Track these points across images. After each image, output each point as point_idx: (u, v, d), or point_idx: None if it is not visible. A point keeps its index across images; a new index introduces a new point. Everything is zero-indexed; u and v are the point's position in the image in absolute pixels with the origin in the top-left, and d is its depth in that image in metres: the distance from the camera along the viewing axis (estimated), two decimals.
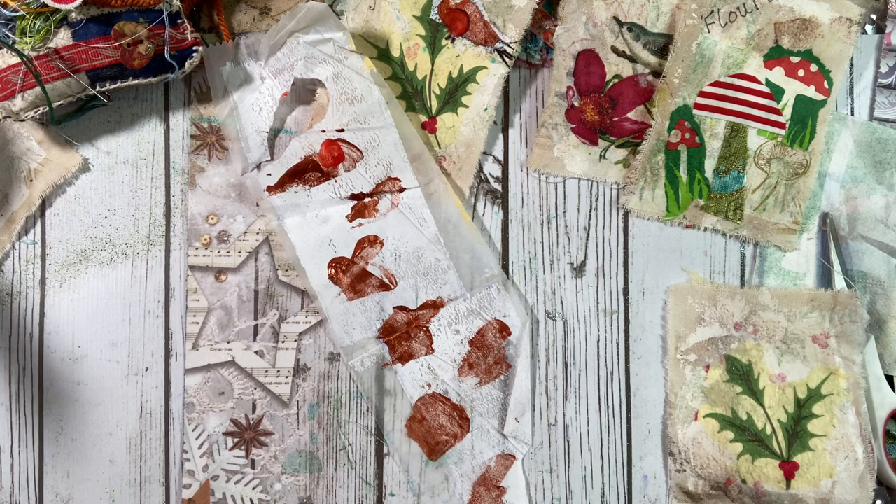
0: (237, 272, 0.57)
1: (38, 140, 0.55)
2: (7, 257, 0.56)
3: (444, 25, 0.57)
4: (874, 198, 0.59)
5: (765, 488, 0.57)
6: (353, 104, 0.55)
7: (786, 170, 0.58)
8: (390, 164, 0.55)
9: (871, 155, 0.60)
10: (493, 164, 0.59)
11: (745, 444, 0.58)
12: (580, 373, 0.59)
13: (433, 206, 0.56)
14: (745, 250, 0.60)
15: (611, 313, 0.59)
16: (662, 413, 0.60)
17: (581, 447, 0.59)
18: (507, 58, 0.57)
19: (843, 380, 0.57)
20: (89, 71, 0.49)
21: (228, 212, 0.57)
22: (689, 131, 0.57)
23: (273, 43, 0.55)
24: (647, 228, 0.60)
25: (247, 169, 0.56)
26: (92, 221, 0.56)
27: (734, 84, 0.57)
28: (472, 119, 0.57)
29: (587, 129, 0.58)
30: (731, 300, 0.59)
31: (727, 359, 0.59)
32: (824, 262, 0.59)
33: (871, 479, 0.56)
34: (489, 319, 0.57)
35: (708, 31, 0.56)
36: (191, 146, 0.57)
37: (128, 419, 0.57)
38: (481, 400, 0.57)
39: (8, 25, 0.47)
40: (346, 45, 0.54)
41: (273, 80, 0.56)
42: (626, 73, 0.58)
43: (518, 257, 0.59)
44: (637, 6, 0.57)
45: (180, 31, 0.51)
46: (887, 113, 0.60)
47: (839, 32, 0.57)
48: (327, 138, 0.55)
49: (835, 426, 0.57)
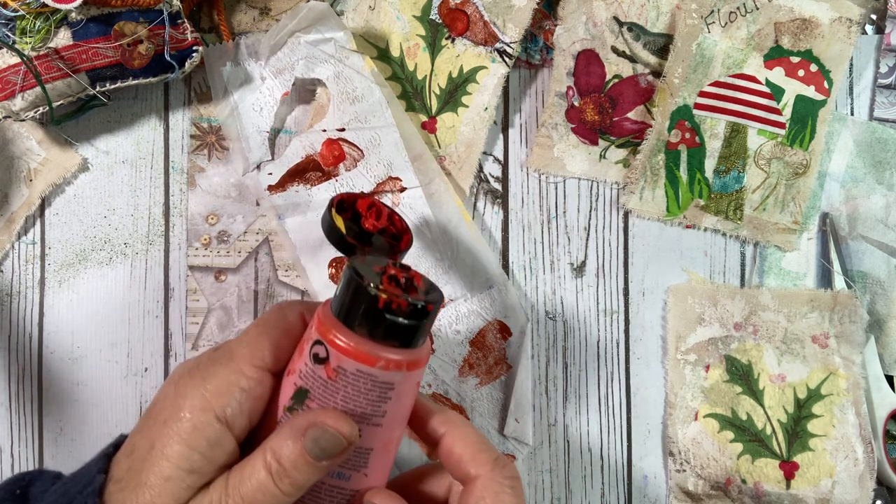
0: (237, 272, 0.57)
1: (37, 140, 0.55)
2: (6, 257, 0.56)
3: (444, 25, 0.57)
4: (874, 198, 0.59)
5: (765, 488, 0.57)
6: (353, 104, 0.55)
7: (786, 170, 0.58)
8: (391, 163, 0.55)
9: (871, 155, 0.60)
10: (493, 164, 0.59)
11: (745, 444, 0.58)
12: (580, 373, 0.59)
13: (434, 205, 0.56)
14: (745, 250, 0.60)
15: (611, 313, 0.59)
16: (662, 413, 0.60)
17: (581, 447, 0.59)
18: (507, 58, 0.57)
19: (843, 380, 0.57)
20: (89, 71, 0.49)
21: (228, 212, 0.57)
22: (689, 131, 0.57)
23: (274, 43, 0.55)
24: (647, 228, 0.60)
25: (248, 169, 0.56)
26: (91, 221, 0.56)
27: (734, 84, 0.57)
28: (472, 119, 0.57)
29: (587, 129, 0.58)
30: (731, 300, 0.59)
31: (727, 359, 0.59)
32: (824, 262, 0.60)
33: (871, 479, 0.56)
34: (490, 320, 0.57)
35: (708, 31, 0.56)
36: (190, 146, 0.57)
37: (127, 419, 0.57)
38: (481, 400, 0.57)
39: (8, 25, 0.47)
40: (348, 44, 0.54)
41: (274, 80, 0.56)
42: (626, 73, 0.58)
43: (518, 257, 0.59)
44: (637, 6, 0.57)
45: (180, 31, 0.51)
46: (887, 113, 0.60)
47: (839, 32, 0.57)
48: (328, 138, 0.55)
49: (835, 426, 0.57)
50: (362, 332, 0.36)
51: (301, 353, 0.38)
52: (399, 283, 0.37)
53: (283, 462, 0.35)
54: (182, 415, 0.35)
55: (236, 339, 0.38)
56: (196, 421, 0.35)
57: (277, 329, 0.38)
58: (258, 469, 0.35)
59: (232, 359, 0.37)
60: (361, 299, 0.36)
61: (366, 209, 0.44)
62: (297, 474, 0.35)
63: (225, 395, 0.36)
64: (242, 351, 0.37)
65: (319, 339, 0.36)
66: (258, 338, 0.38)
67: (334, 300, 0.37)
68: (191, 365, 0.38)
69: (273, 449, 0.35)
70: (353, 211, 0.44)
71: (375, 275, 0.37)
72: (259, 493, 0.35)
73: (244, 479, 0.35)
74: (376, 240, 0.43)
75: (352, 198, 0.44)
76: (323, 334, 0.36)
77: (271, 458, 0.35)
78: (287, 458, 0.35)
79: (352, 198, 0.44)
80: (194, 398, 0.36)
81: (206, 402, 0.36)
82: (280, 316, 0.39)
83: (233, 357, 0.37)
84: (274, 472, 0.35)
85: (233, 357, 0.37)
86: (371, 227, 0.44)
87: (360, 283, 0.35)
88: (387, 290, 0.36)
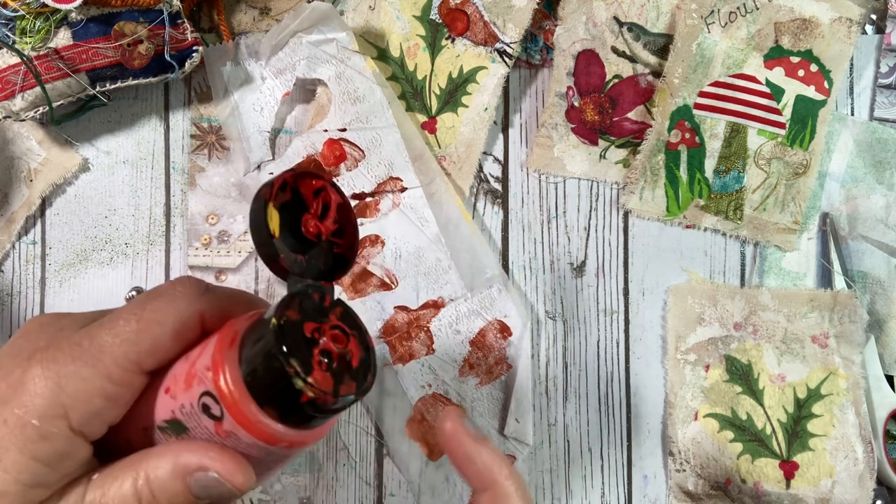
0: (237, 272, 0.57)
1: (38, 140, 0.55)
2: (7, 257, 0.56)
3: (444, 25, 0.57)
4: (874, 198, 0.59)
5: (765, 488, 0.57)
6: (355, 104, 0.55)
7: (786, 170, 0.58)
8: (392, 163, 0.55)
9: (871, 155, 0.60)
10: (493, 164, 0.59)
11: (744, 443, 0.58)
12: (580, 373, 0.59)
13: (434, 206, 0.56)
14: (745, 250, 0.60)
15: (611, 313, 0.59)
16: (662, 413, 0.60)
17: (581, 447, 0.59)
18: (507, 58, 0.57)
19: (843, 380, 0.57)
20: (89, 71, 0.49)
21: (228, 212, 0.57)
22: (689, 131, 0.57)
23: (275, 43, 0.55)
24: (647, 228, 0.60)
25: (249, 169, 0.56)
26: (92, 221, 0.56)
27: (734, 84, 0.57)
28: (472, 119, 0.57)
29: (587, 129, 0.58)
30: (731, 300, 0.59)
31: (727, 359, 0.59)
32: (824, 262, 0.60)
33: (871, 479, 0.56)
34: (490, 320, 0.57)
35: (708, 31, 0.56)
36: (191, 146, 0.57)
37: None
38: (482, 400, 0.57)
39: (8, 25, 0.47)
40: (350, 45, 0.54)
41: (274, 80, 0.56)
42: (626, 73, 0.58)
43: (518, 257, 0.59)
44: (637, 6, 0.57)
45: (180, 31, 0.51)
46: (887, 113, 0.60)
47: (839, 32, 0.57)
48: (329, 138, 0.55)
49: (835, 426, 0.57)
50: (270, 412, 0.29)
51: (188, 383, 0.30)
52: (331, 365, 0.29)
53: (157, 495, 0.30)
54: (29, 420, 0.29)
55: (111, 327, 0.31)
56: (46, 430, 0.29)
57: (165, 327, 0.31)
58: (126, 493, 0.30)
59: (101, 358, 0.30)
60: (280, 385, 0.28)
61: (312, 195, 0.32)
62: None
63: (85, 402, 0.29)
64: (115, 350, 0.30)
65: (215, 396, 0.29)
66: (139, 335, 0.30)
67: (244, 352, 0.29)
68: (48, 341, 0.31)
69: (148, 476, 0.30)
70: (295, 196, 0.32)
71: (306, 349, 0.28)
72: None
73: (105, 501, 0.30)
74: (314, 250, 0.32)
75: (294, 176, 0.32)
76: (220, 395, 0.29)
77: (143, 486, 0.30)
78: (163, 492, 0.30)
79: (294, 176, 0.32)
80: (45, 399, 0.29)
81: (61, 408, 0.29)
82: (174, 310, 0.31)
83: (102, 354, 0.30)
84: (145, 502, 0.30)
85: (102, 354, 0.30)
86: (314, 230, 0.32)
87: (283, 368, 0.28)
88: (316, 382, 0.28)
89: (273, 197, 0.30)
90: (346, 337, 0.30)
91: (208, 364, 0.29)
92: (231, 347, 0.30)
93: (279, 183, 0.31)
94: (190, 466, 0.30)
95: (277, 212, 0.31)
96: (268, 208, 0.30)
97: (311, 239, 0.32)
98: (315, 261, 0.32)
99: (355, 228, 0.33)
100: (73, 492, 0.30)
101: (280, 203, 0.31)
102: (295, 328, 0.29)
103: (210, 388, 0.29)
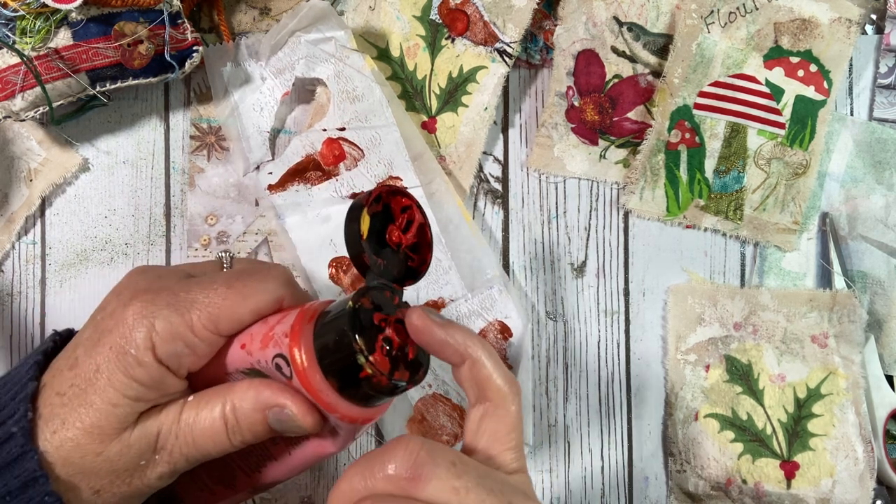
0: None
1: (38, 140, 0.55)
2: (7, 257, 0.56)
3: (444, 25, 0.57)
4: (874, 198, 0.59)
5: (765, 488, 0.57)
6: (354, 103, 0.55)
7: (786, 170, 0.58)
8: (392, 163, 0.55)
9: (870, 155, 0.60)
10: (493, 164, 0.59)
11: (745, 444, 0.58)
12: (580, 373, 0.59)
13: (434, 205, 0.56)
14: (745, 250, 0.60)
15: (611, 313, 0.59)
16: (662, 413, 0.60)
17: (581, 447, 0.59)
18: (507, 58, 0.57)
19: (843, 379, 0.57)
20: (89, 71, 0.49)
21: (228, 212, 0.57)
22: (689, 131, 0.57)
23: (274, 42, 0.55)
24: (647, 228, 0.60)
25: (248, 169, 0.56)
26: (92, 221, 0.56)
27: (734, 84, 0.57)
28: (472, 119, 0.57)
29: (587, 128, 0.58)
30: (731, 300, 0.59)
31: (727, 359, 0.59)
32: (824, 262, 0.60)
33: (871, 479, 0.56)
34: (490, 320, 0.57)
35: (708, 31, 0.56)
36: (190, 146, 0.57)
37: None
38: None
39: (8, 25, 0.47)
40: (348, 43, 0.54)
41: (274, 80, 0.56)
42: (626, 73, 0.58)
43: (518, 257, 0.59)
44: (637, 6, 0.57)
45: (180, 31, 0.51)
46: (887, 113, 0.60)
47: (839, 33, 0.57)
48: (328, 137, 0.55)
49: (835, 426, 0.57)
50: (332, 381, 0.34)
51: (264, 343, 0.36)
52: (390, 352, 0.34)
53: (240, 421, 0.36)
54: (128, 349, 0.35)
55: (205, 288, 0.37)
56: (141, 359, 0.35)
57: (249, 304, 0.36)
58: (215, 416, 0.36)
59: (190, 310, 0.36)
60: (346, 359, 0.34)
61: (399, 210, 0.38)
62: (251, 436, 0.36)
63: (169, 342, 0.35)
64: (202, 309, 0.36)
65: (287, 359, 0.34)
66: (224, 303, 0.36)
67: (319, 328, 0.35)
68: (147, 285, 0.37)
69: (234, 405, 0.36)
70: (385, 209, 0.38)
71: (372, 333, 0.34)
72: (210, 440, 0.36)
73: (198, 420, 0.36)
74: (393, 257, 0.38)
75: (389, 191, 0.38)
76: (292, 358, 0.34)
77: (230, 413, 0.36)
78: (245, 419, 0.36)
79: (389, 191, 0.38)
80: (141, 334, 0.35)
81: (151, 343, 0.35)
82: (261, 291, 0.37)
83: (191, 308, 0.36)
84: (230, 425, 0.36)
85: (191, 308, 0.36)
86: (396, 239, 0.38)
87: (351, 344, 0.33)
88: (375, 362, 0.33)
89: (369, 204, 0.36)
90: (406, 334, 0.35)
91: (287, 331, 0.35)
92: (309, 322, 0.35)
93: (375, 194, 0.37)
94: (269, 402, 0.35)
95: (369, 218, 0.36)
96: (363, 212, 0.36)
97: (391, 247, 0.38)
98: (391, 266, 0.37)
99: (430, 247, 0.39)
100: (172, 407, 0.36)
101: (373, 212, 0.36)
102: (366, 314, 0.34)
103: (284, 352, 0.34)
